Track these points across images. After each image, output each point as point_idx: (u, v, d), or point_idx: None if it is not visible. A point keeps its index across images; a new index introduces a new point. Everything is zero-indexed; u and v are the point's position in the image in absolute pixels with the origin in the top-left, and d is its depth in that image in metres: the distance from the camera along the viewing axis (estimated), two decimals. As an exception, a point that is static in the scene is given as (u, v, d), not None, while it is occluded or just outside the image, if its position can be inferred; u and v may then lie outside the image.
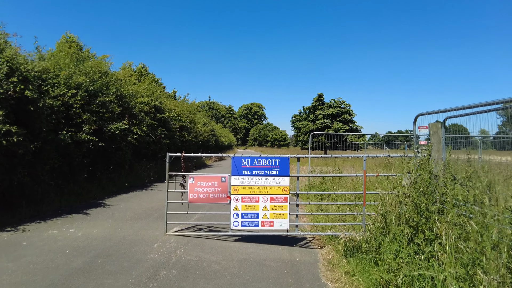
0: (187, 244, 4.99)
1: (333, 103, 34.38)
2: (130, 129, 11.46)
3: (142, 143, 12.54)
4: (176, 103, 18.35)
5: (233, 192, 5.19)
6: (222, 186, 5.25)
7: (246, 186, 5.18)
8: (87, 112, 9.15)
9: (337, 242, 5.13)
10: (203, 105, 69.16)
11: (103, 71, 11.20)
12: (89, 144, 8.98)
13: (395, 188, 4.59)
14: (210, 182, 5.25)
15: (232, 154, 5.37)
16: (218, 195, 5.24)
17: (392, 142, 33.40)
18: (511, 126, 4.68)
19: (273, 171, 5.19)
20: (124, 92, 11.44)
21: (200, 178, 5.28)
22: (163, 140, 14.74)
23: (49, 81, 8.24)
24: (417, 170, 4.14)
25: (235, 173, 5.19)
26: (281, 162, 5.20)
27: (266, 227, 5.20)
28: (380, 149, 40.83)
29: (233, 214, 5.19)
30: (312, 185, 10.03)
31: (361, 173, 9.85)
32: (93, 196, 8.90)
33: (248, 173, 5.18)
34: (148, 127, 13.03)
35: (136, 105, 12.29)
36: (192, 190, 5.25)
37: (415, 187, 3.79)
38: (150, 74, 26.88)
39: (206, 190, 5.24)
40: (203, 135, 23.34)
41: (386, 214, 4.30)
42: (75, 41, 15.60)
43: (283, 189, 5.19)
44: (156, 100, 14.77)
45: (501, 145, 5.54)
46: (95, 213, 7.03)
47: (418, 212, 3.50)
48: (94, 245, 4.83)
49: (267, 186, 5.17)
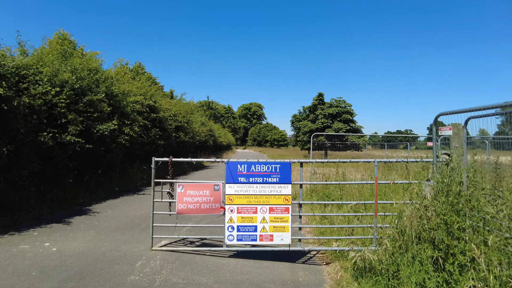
0: (174, 262, 4.38)
1: (333, 102, 33.75)
2: (121, 130, 10.84)
3: (134, 144, 11.91)
4: (172, 103, 17.72)
5: (228, 202, 4.58)
6: (215, 195, 4.63)
7: (242, 196, 4.57)
8: (73, 111, 8.51)
9: (345, 257, 4.54)
10: (202, 104, 68.48)
11: (93, 69, 10.59)
12: (75, 146, 8.35)
13: (413, 198, 3.99)
14: (201, 191, 4.63)
15: (227, 158, 4.75)
16: (211, 205, 4.63)
17: (391, 142, 32.86)
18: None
19: (273, 178, 4.58)
20: (115, 90, 10.80)
21: (190, 186, 4.67)
22: (157, 141, 14.11)
23: (30, 78, 7.61)
24: (441, 178, 3.54)
25: (229, 180, 4.57)
26: (282, 168, 4.60)
27: (265, 242, 4.59)
28: (379, 149, 40.27)
29: (227, 227, 4.58)
30: (314, 189, 9.44)
31: (365, 175, 9.27)
32: (79, 202, 8.28)
33: (244, 181, 4.57)
34: (141, 128, 12.40)
35: (128, 104, 11.66)
36: (180, 200, 4.63)
37: (443, 201, 3.18)
38: (147, 73, 26.31)
39: (196, 199, 4.62)
40: (201, 135, 22.70)
41: (403, 230, 3.70)
42: (68, 38, 14.99)
43: (284, 198, 4.58)
44: (151, 99, 14.13)
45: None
46: (77, 222, 6.41)
47: (449, 232, 2.89)
48: (67, 264, 4.21)
49: (266, 195, 4.56)
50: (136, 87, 13.60)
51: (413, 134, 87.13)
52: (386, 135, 56.95)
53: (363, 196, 7.72)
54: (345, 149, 30.16)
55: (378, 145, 45.23)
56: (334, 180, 9.04)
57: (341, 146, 29.88)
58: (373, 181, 4.64)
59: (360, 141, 31.95)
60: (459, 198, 3.07)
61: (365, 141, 32.99)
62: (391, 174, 10.72)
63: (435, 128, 4.20)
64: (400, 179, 10.03)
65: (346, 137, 30.38)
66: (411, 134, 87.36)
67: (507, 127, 6.59)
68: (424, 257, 2.89)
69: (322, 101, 34.45)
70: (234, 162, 4.58)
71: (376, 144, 43.82)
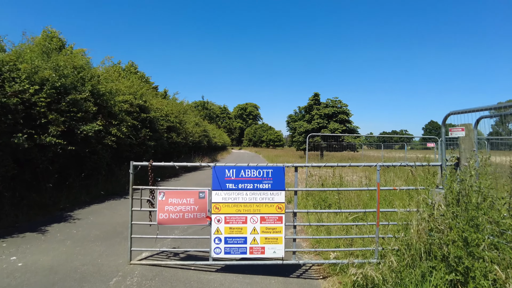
0: (154, 279, 3.91)
1: (329, 102, 33.39)
2: (108, 130, 10.32)
3: (122, 145, 11.39)
4: (164, 102, 17.18)
5: (214, 211, 4.12)
6: (200, 203, 4.17)
7: (230, 204, 4.11)
8: (54, 111, 7.99)
9: (344, 271, 4.11)
10: (197, 105, 67.83)
11: (78, 66, 10.06)
12: (56, 148, 7.83)
13: (420, 206, 3.57)
14: (184, 199, 4.17)
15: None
16: (195, 214, 4.17)
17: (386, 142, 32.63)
18: None
19: (265, 184, 4.13)
20: (101, 89, 10.27)
21: (172, 194, 4.20)
22: (148, 142, 13.59)
23: (6, 75, 7.09)
24: (455, 186, 3.12)
25: (216, 187, 4.12)
26: (275, 173, 4.15)
27: (255, 255, 4.14)
28: (375, 149, 40.02)
29: (214, 238, 4.13)
30: (309, 192, 9.01)
31: (362, 178, 8.87)
32: (60, 208, 7.75)
33: (233, 187, 4.12)
34: (130, 128, 11.89)
35: (116, 104, 11.14)
36: (161, 209, 4.17)
37: (457, 214, 2.76)
38: (139, 72, 25.74)
39: (179, 208, 4.16)
40: (194, 136, 22.17)
41: (410, 244, 3.28)
42: (56, 36, 14.44)
43: (277, 206, 4.14)
44: (141, 99, 13.61)
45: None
46: (54, 231, 5.91)
47: (469, 252, 2.47)
48: (30, 283, 3.72)
49: (257, 203, 4.12)
50: (125, 86, 13.08)
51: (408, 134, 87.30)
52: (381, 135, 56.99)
53: (362, 200, 7.31)
54: (341, 149, 29.84)
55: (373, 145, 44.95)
56: (331, 183, 8.63)
57: (337, 147, 29.56)
58: (375, 187, 4.21)
59: (356, 142, 31.63)
60: (478, 210, 2.65)
61: (361, 142, 32.69)
62: (389, 176, 10.35)
63: (444, 129, 3.78)
64: (400, 182, 9.65)
65: (342, 138, 30.04)
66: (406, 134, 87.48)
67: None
68: (439, 280, 2.46)
69: (318, 101, 34.10)
70: (222, 167, 4.12)
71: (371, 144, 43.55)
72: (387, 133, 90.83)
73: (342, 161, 23.14)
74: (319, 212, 6.49)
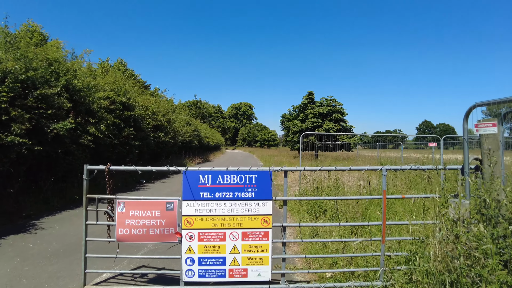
0: (109, 312, 3.15)
1: (323, 101, 32.76)
2: (85, 129, 9.48)
3: (102, 145, 10.55)
4: (151, 100, 16.31)
5: (186, 225, 3.36)
6: (168, 216, 3.41)
7: (205, 217, 3.36)
8: (18, 107, 7.14)
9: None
10: (190, 104, 66.77)
11: (52, 59, 9.20)
12: (20, 148, 6.98)
13: (439, 219, 2.87)
14: (148, 211, 3.41)
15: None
16: (162, 230, 3.40)
17: (381, 142, 32.21)
18: None
19: (248, 193, 3.39)
20: (77, 84, 9.42)
21: (134, 205, 3.44)
22: (132, 142, 12.75)
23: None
24: (485, 195, 2.42)
25: (188, 196, 3.36)
26: (260, 178, 3.41)
27: (236, 278, 3.40)
28: (369, 149, 39.58)
29: (185, 259, 3.37)
30: (302, 194, 8.30)
31: (359, 179, 8.17)
32: (23, 216, 6.91)
33: (208, 197, 3.37)
34: (112, 127, 11.04)
35: (94, 100, 10.29)
36: (121, 223, 3.40)
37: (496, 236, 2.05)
38: (128, 70, 24.84)
39: (143, 222, 3.39)
40: (185, 135, 21.32)
41: (428, 271, 2.58)
42: (38, 30, 13.56)
43: (262, 220, 3.40)
44: (124, 96, 12.76)
45: None
46: (6, 245, 5.08)
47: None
48: None
49: (238, 216, 3.37)
50: (106, 82, 12.22)
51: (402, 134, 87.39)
52: (375, 134, 56.57)
53: (361, 206, 6.62)
54: (335, 149, 29.23)
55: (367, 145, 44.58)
56: (326, 186, 7.91)
57: (331, 146, 28.92)
58: (380, 196, 3.50)
59: (351, 141, 31.07)
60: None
61: (356, 141, 32.16)
62: (390, 179, 9.68)
63: (466, 125, 3.08)
64: (403, 185, 8.96)
65: (337, 137, 29.44)
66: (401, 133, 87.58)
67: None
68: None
69: (312, 100, 33.47)
70: (194, 172, 3.37)
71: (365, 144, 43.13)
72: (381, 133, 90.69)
73: (337, 161, 22.49)
74: (312, 216, 5.79)
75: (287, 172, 3.49)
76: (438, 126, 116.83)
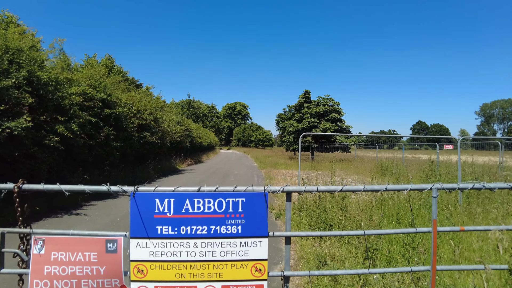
0: None
1: (320, 100, 31.72)
2: (52, 129, 8.23)
3: (75, 147, 9.30)
4: (136, 97, 15.05)
5: (136, 276, 2.20)
6: (109, 262, 2.23)
7: (165, 263, 2.20)
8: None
9: None
10: (183, 103, 65.33)
11: (14, 48, 7.95)
12: (-39, 152, 5.74)
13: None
14: (80, 253, 2.23)
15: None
16: (101, 283, 2.22)
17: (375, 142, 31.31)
18: None
19: (231, 227, 2.23)
20: (43, 77, 8.16)
21: (59, 243, 2.25)
22: (112, 143, 11.49)
23: None
24: None
25: (138, 232, 2.19)
26: (249, 204, 2.25)
27: None
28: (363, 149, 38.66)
29: (135, 327, 2.20)
30: (303, 206, 7.15)
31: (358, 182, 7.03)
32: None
33: (170, 233, 2.20)
34: (88, 126, 9.80)
35: (66, 96, 9.03)
36: (39, 271, 2.22)
37: None
38: (116, 66, 23.59)
39: (71, 270, 2.21)
40: (174, 135, 20.06)
41: None
42: (14, 22, 12.28)
43: (253, 267, 2.24)
44: (104, 92, 11.49)
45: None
46: None
47: None
48: None
49: (215, 263, 2.21)
50: (82, 76, 10.96)
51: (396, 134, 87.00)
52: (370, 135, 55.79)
53: (373, 221, 5.51)
54: (332, 150, 28.22)
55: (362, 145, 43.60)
56: (331, 197, 6.76)
57: (328, 147, 27.89)
58: (428, 228, 2.36)
59: (348, 142, 30.10)
60: None
61: (353, 142, 31.21)
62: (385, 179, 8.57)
63: None
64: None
65: (334, 138, 28.42)
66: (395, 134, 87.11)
67: None
68: None
69: (309, 99, 32.43)
70: (147, 195, 2.19)
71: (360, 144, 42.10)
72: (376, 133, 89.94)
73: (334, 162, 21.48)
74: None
75: (290, 194, 2.32)
76: (432, 127, 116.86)
